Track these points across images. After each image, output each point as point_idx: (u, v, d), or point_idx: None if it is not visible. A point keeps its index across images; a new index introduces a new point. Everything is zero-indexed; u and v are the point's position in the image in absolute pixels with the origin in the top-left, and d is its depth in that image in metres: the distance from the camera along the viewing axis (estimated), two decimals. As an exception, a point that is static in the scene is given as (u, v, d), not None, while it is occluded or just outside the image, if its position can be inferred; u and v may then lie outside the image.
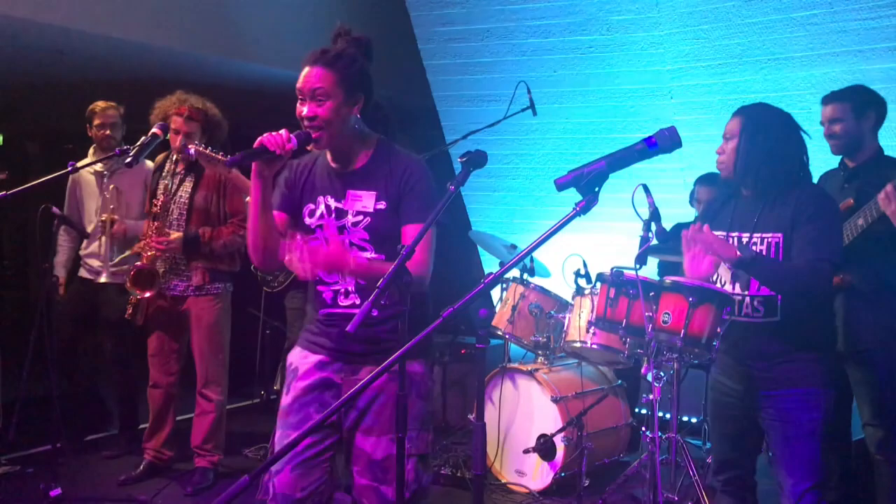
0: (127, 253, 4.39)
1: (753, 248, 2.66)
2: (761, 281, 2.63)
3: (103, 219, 4.41)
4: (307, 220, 2.46)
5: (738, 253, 2.55)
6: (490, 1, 5.23)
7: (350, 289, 2.43)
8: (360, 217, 2.40)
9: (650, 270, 4.40)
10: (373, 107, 3.24)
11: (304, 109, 2.35)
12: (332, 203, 2.43)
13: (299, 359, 2.52)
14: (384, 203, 2.40)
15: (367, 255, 2.40)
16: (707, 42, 4.83)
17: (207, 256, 4.10)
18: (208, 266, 4.12)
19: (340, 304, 2.45)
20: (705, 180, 4.30)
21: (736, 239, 2.72)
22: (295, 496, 2.42)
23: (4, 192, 2.71)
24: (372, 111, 3.03)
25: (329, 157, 2.48)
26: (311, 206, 2.47)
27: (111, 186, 4.47)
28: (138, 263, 4.03)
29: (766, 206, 2.69)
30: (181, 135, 3.98)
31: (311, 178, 2.51)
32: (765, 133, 2.68)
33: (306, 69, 2.36)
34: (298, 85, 2.36)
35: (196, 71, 5.45)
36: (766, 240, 2.66)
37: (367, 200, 2.40)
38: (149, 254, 4.01)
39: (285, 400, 2.50)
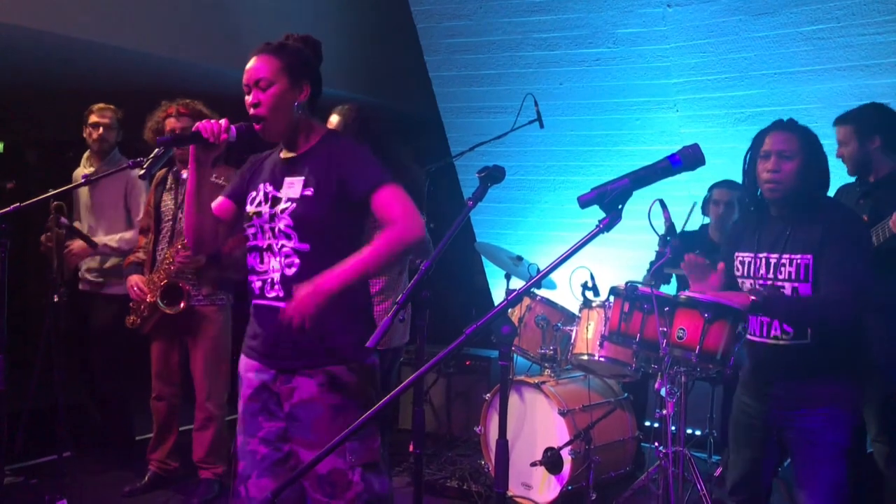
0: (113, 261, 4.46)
1: (782, 269, 2.64)
2: (779, 320, 2.62)
3: (76, 226, 4.43)
4: (248, 208, 2.46)
5: (751, 297, 2.53)
6: (496, 13, 5.24)
7: (276, 279, 2.38)
8: (288, 203, 2.37)
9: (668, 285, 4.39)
10: (361, 121, 3.22)
11: (248, 97, 2.38)
12: (271, 191, 2.43)
13: (242, 365, 2.52)
14: (311, 189, 2.35)
15: (291, 244, 2.36)
16: (713, 56, 4.85)
17: (218, 266, 4.08)
18: (216, 275, 4.09)
19: (267, 295, 2.41)
20: (721, 183, 4.34)
21: (764, 260, 2.70)
22: (267, 498, 2.35)
23: (19, 204, 2.69)
24: (360, 125, 3.02)
25: (282, 148, 2.50)
26: (253, 193, 2.48)
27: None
28: (164, 279, 3.99)
29: (795, 227, 2.67)
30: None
31: (260, 167, 2.53)
32: (819, 156, 2.66)
33: (251, 61, 2.39)
34: (244, 79, 2.39)
35: (197, 80, 5.44)
36: (794, 261, 2.64)
37: (296, 186, 2.38)
38: (172, 268, 3.97)
39: (239, 407, 2.52)
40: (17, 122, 7.20)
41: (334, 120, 3.29)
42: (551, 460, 3.99)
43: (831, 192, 3.51)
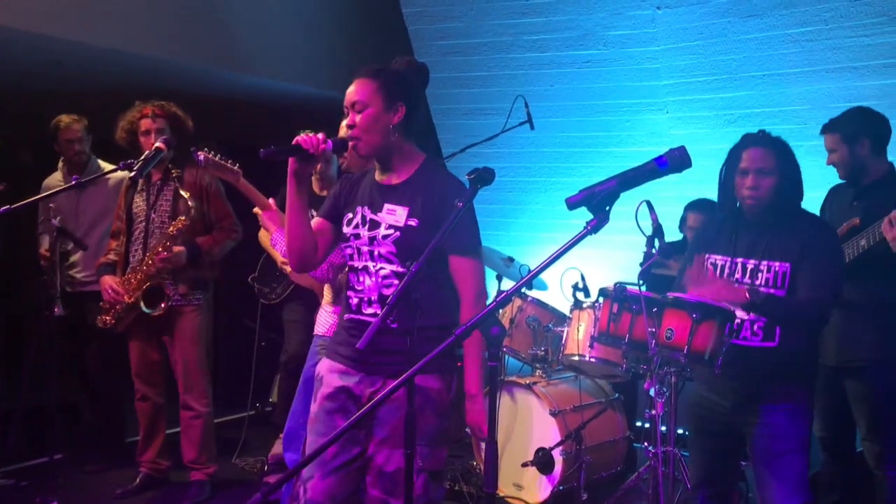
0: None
1: (759, 275, 2.72)
2: (770, 319, 2.69)
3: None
4: (344, 229, 2.54)
5: (748, 296, 2.59)
6: (487, 15, 5.25)
7: (373, 298, 2.47)
8: (391, 231, 2.45)
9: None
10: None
11: (345, 120, 2.46)
12: (368, 214, 2.50)
13: (325, 368, 2.58)
14: (416, 220, 2.44)
15: (392, 267, 2.44)
16: (703, 57, 4.87)
17: (197, 265, 4.08)
18: (193, 274, 4.09)
19: (363, 311, 2.50)
20: (695, 206, 4.30)
21: (741, 265, 2.77)
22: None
23: (8, 206, 2.70)
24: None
25: (377, 171, 2.55)
26: (350, 215, 2.54)
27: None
28: (144, 281, 3.98)
29: (773, 235, 2.74)
30: (153, 134, 3.96)
31: (355, 189, 2.59)
32: (795, 169, 2.75)
33: (351, 85, 2.47)
34: (344, 101, 2.47)
35: (193, 82, 5.45)
36: (773, 268, 2.72)
37: (399, 215, 2.46)
38: (151, 269, 3.96)
39: (313, 408, 2.57)
40: (11, 123, 7.18)
41: None
42: (542, 461, 4.00)
43: (823, 194, 3.56)
